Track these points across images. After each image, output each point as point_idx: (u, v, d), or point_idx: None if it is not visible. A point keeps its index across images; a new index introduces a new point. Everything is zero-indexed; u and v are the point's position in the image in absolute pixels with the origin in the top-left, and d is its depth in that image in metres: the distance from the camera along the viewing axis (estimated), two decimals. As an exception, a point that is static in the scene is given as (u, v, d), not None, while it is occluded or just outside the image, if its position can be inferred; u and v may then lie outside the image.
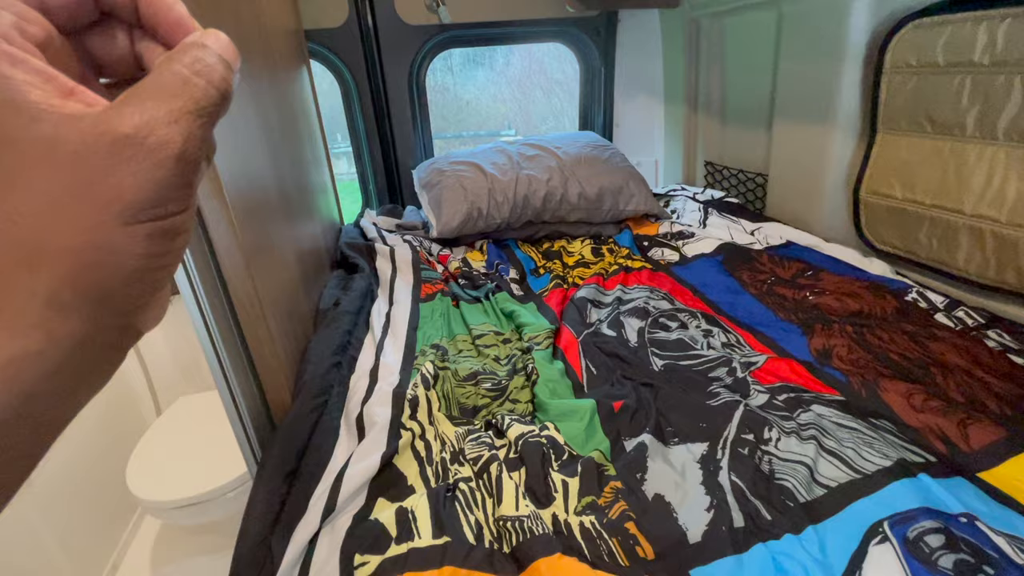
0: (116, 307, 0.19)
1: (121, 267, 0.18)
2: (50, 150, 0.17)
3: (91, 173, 0.17)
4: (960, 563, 0.58)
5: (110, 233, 0.17)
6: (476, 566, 0.60)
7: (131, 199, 0.17)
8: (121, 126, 0.17)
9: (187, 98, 0.18)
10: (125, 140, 0.17)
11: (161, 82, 0.18)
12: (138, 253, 0.18)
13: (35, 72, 0.17)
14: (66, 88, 0.18)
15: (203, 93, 0.19)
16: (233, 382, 0.83)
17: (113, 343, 0.20)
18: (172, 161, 0.18)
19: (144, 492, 1.40)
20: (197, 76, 0.19)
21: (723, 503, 0.69)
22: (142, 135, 0.17)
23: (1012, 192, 1.05)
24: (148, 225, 0.18)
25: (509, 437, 0.79)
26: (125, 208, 0.17)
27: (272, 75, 1.21)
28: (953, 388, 0.88)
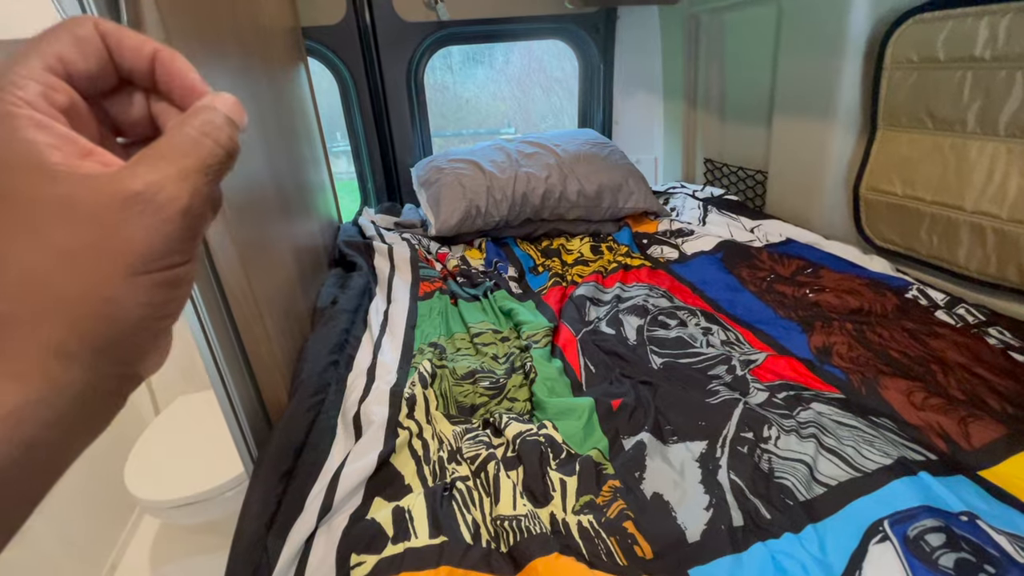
0: (119, 356, 0.20)
1: (126, 317, 0.19)
2: (67, 208, 0.18)
3: (104, 229, 0.18)
4: (961, 562, 0.57)
5: (118, 285, 0.18)
6: (473, 566, 0.60)
7: (140, 252, 0.18)
8: (133, 184, 0.18)
9: (195, 157, 0.20)
10: (136, 197, 0.18)
11: (173, 143, 0.20)
12: (143, 303, 0.19)
13: (58, 136, 0.18)
14: (85, 150, 0.19)
15: (210, 152, 0.20)
16: (229, 381, 0.82)
17: (114, 390, 0.21)
18: (179, 215, 0.19)
19: (142, 491, 1.40)
20: (205, 137, 0.20)
21: (722, 502, 0.68)
22: (152, 192, 0.18)
23: (1013, 188, 1.04)
24: (154, 275, 0.19)
25: (507, 436, 0.79)
26: (134, 261, 0.18)
27: (269, 73, 1.20)
28: (954, 386, 0.88)
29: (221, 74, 0.86)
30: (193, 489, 1.39)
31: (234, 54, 0.92)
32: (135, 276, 0.18)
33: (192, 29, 0.74)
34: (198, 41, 0.75)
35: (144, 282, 0.19)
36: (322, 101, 1.80)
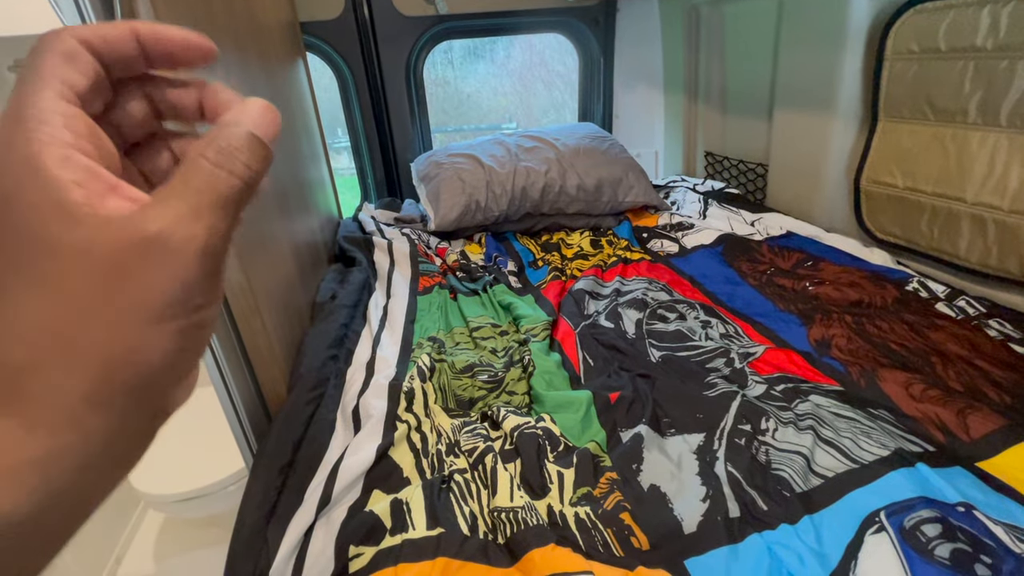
0: (148, 397, 0.19)
1: (152, 363, 0.18)
2: (85, 255, 0.17)
3: (121, 276, 0.17)
4: (957, 552, 0.57)
5: (141, 333, 0.18)
6: (470, 557, 0.60)
7: (159, 300, 0.18)
8: (147, 228, 0.17)
9: (210, 192, 0.19)
10: (151, 242, 0.17)
11: (186, 178, 0.19)
12: (168, 349, 0.18)
13: (82, 170, 0.18)
14: (109, 184, 0.18)
15: (225, 185, 0.19)
16: (228, 375, 0.83)
17: (144, 430, 0.20)
18: (197, 258, 0.18)
19: (146, 486, 1.41)
20: (219, 168, 0.19)
21: (719, 493, 0.68)
22: (167, 235, 0.18)
23: (1015, 179, 1.03)
24: (179, 321, 0.18)
25: (504, 429, 0.79)
26: (155, 309, 0.18)
27: (266, 69, 1.20)
28: (953, 378, 0.88)
29: (217, 70, 0.86)
30: (196, 483, 1.40)
31: (230, 50, 0.92)
32: (158, 324, 0.18)
33: (187, 25, 0.74)
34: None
35: (168, 329, 0.18)
36: (323, 97, 1.80)
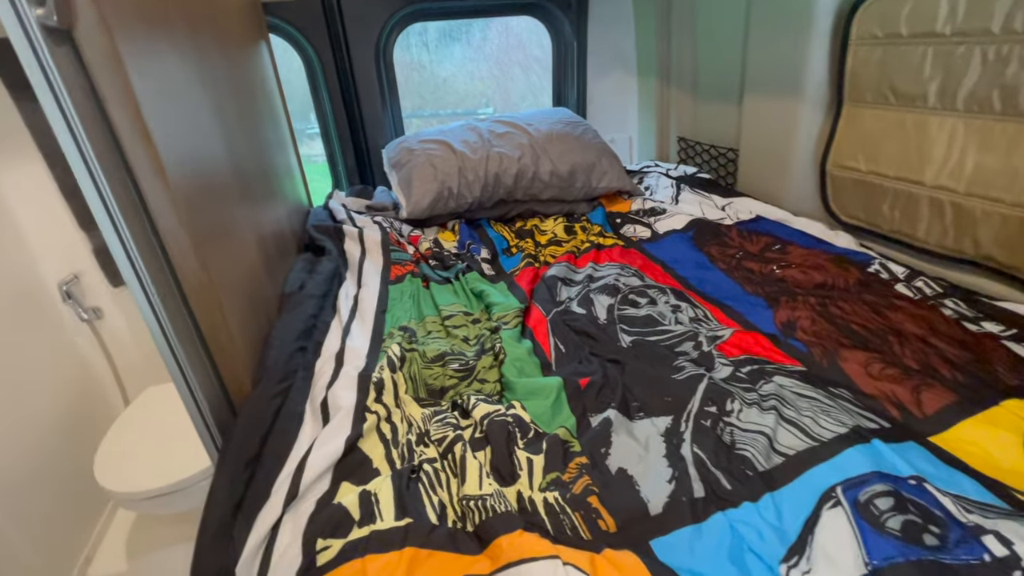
0: None
1: None
2: None
3: None
4: (908, 524, 0.60)
5: None
6: (438, 546, 0.60)
7: None
8: None
9: None
10: None
11: None
12: None
13: None
14: None
15: None
16: (188, 370, 0.81)
17: None
18: None
19: (112, 483, 1.37)
20: None
21: (684, 474, 0.70)
22: None
23: (970, 163, 1.06)
24: None
25: (475, 417, 0.79)
26: None
27: (225, 52, 1.16)
28: (909, 356, 0.91)
29: (168, 54, 0.82)
30: (164, 480, 1.37)
31: (182, 31, 0.88)
32: None
33: (131, 3, 0.70)
34: (138, 17, 0.71)
35: None
36: (294, 80, 1.74)
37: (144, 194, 0.71)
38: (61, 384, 1.62)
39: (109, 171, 0.63)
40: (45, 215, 1.57)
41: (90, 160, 0.60)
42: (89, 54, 0.58)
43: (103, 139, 0.62)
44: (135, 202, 0.70)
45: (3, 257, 1.49)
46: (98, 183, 0.61)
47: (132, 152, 0.66)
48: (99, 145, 0.61)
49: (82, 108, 0.58)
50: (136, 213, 0.70)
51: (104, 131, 0.62)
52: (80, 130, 0.57)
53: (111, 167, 0.64)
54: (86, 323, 1.72)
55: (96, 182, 0.61)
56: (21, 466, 1.40)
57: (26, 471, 1.42)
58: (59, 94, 0.56)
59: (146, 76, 0.68)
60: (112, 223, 0.66)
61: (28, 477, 1.42)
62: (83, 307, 1.70)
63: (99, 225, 0.67)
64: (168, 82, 0.79)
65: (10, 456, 1.37)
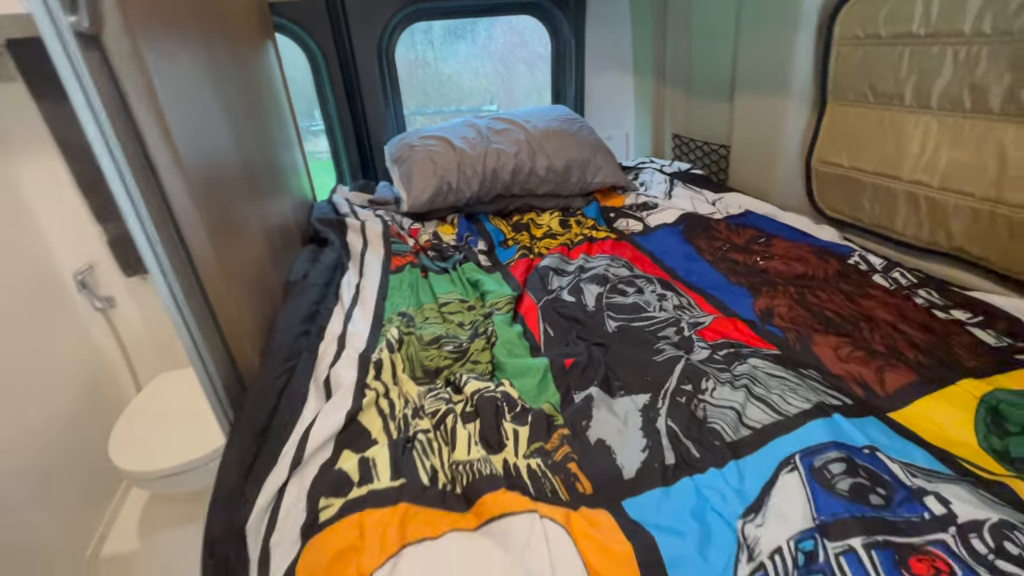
0: None
1: None
2: None
3: None
4: (856, 485, 0.65)
5: None
6: (429, 504, 0.67)
7: None
8: None
9: None
10: None
11: None
12: None
13: None
14: None
15: None
16: (204, 351, 0.87)
17: None
18: None
19: (126, 463, 1.44)
20: None
21: (657, 444, 0.76)
22: None
23: (944, 159, 1.11)
24: None
25: (466, 393, 0.85)
26: None
27: (232, 50, 1.22)
28: (877, 340, 0.96)
29: (182, 55, 0.88)
30: (176, 460, 1.44)
31: (194, 31, 0.94)
32: None
33: (151, 6, 0.76)
34: (157, 21, 0.77)
35: None
36: (299, 79, 1.80)
37: (164, 188, 0.77)
38: (76, 370, 1.70)
39: (133, 165, 0.69)
40: (62, 208, 1.64)
41: (115, 154, 0.66)
42: (115, 56, 0.65)
43: (127, 134, 0.69)
44: (156, 195, 0.76)
45: (22, 248, 1.56)
46: (123, 176, 0.68)
47: (153, 147, 0.72)
48: (123, 140, 0.67)
49: (108, 105, 0.64)
50: (157, 205, 0.76)
51: (128, 127, 0.69)
52: (107, 126, 0.64)
53: (134, 162, 0.70)
54: (100, 312, 1.80)
55: (121, 175, 0.68)
56: (39, 447, 1.48)
57: (43, 452, 1.49)
58: (88, 92, 0.62)
59: (164, 76, 0.74)
60: (136, 214, 0.72)
61: (45, 457, 1.49)
62: (97, 296, 1.77)
63: (124, 216, 0.73)
64: (183, 82, 0.85)
65: (28, 437, 1.45)
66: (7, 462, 1.36)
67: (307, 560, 0.63)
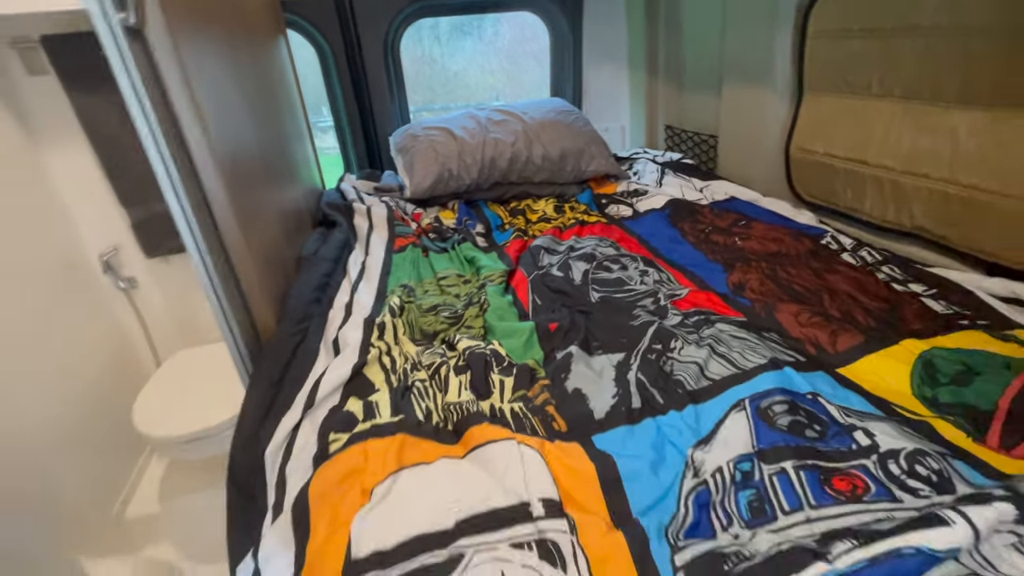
0: None
1: None
2: None
3: None
4: (794, 422, 0.75)
5: None
6: (423, 436, 0.77)
7: None
8: None
9: None
10: None
11: None
12: None
13: None
14: None
15: None
16: (229, 314, 0.98)
17: None
18: None
19: (150, 429, 1.55)
20: None
21: (627, 392, 0.85)
22: None
23: (905, 144, 1.20)
24: None
25: (459, 349, 0.95)
26: None
27: (251, 48, 1.32)
28: (834, 308, 1.05)
29: (210, 51, 0.99)
30: (194, 427, 1.55)
31: (219, 29, 1.05)
32: None
33: (186, 5, 0.87)
34: (191, 20, 0.88)
35: None
36: (308, 76, 1.90)
37: (199, 174, 0.88)
38: (101, 346, 1.82)
39: (173, 152, 0.80)
40: (89, 193, 1.75)
41: (159, 141, 0.76)
42: (157, 50, 0.75)
43: (167, 123, 0.79)
44: (192, 180, 0.87)
45: (52, 231, 1.68)
46: (165, 162, 0.78)
47: (190, 136, 0.82)
48: (164, 128, 0.78)
49: (152, 96, 0.75)
50: (193, 189, 0.87)
51: (167, 116, 0.79)
52: (151, 114, 0.74)
53: (174, 149, 0.80)
54: (123, 292, 1.92)
55: (164, 161, 0.78)
56: (68, 415, 1.60)
57: (72, 421, 1.61)
58: (135, 82, 0.72)
59: (198, 70, 0.85)
60: (176, 197, 0.83)
61: (74, 426, 1.61)
62: (120, 277, 1.89)
63: (165, 197, 0.83)
64: (211, 75, 0.95)
65: (59, 406, 1.57)
66: (42, 429, 1.49)
67: (319, 481, 0.73)
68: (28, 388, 1.46)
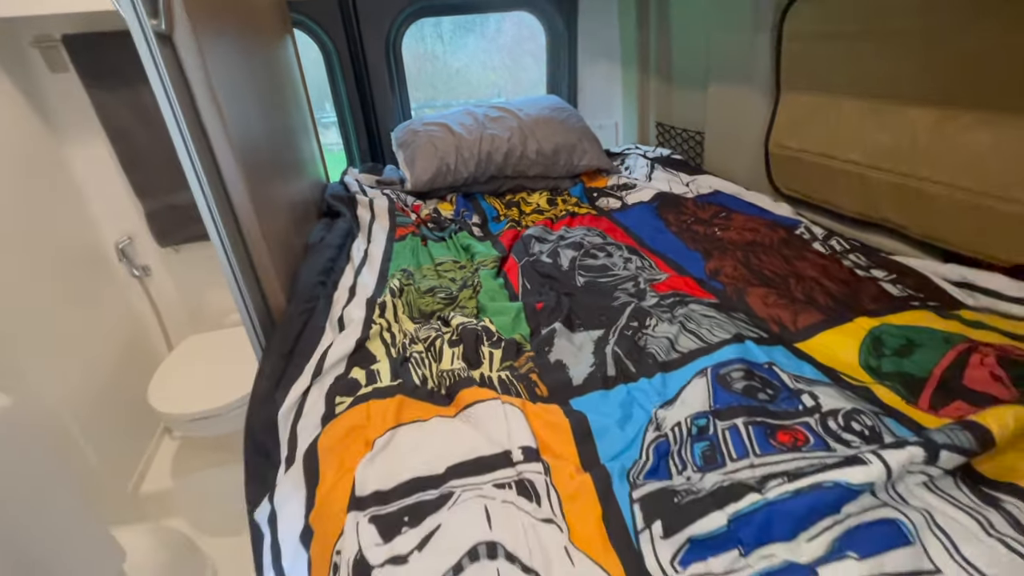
0: None
1: None
2: None
3: None
4: (748, 387, 0.84)
5: None
6: (420, 398, 0.86)
7: None
8: None
9: None
10: None
11: None
12: None
13: None
14: None
15: None
16: (245, 294, 1.07)
17: None
18: None
19: (164, 407, 1.65)
20: None
21: (603, 363, 0.95)
22: None
23: (869, 140, 1.29)
24: None
25: (452, 325, 1.05)
26: None
27: (261, 47, 1.41)
28: (799, 291, 1.14)
29: (228, 51, 1.08)
30: (205, 406, 1.65)
31: (233, 31, 1.14)
32: None
33: (207, 9, 0.96)
34: (211, 21, 0.97)
35: None
36: (311, 73, 1.99)
37: (220, 166, 0.97)
38: (116, 331, 1.92)
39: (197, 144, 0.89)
40: (106, 184, 1.85)
41: (184, 135, 0.86)
42: (183, 53, 0.84)
43: (191, 120, 0.88)
44: (213, 172, 0.96)
45: (71, 220, 1.78)
46: (191, 156, 0.87)
47: (211, 130, 0.92)
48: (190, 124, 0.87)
49: (179, 93, 0.84)
50: (214, 181, 0.96)
51: (192, 114, 0.88)
52: (178, 110, 0.83)
53: (199, 142, 0.90)
54: (137, 279, 2.01)
55: (190, 155, 0.87)
56: (88, 395, 1.70)
57: (91, 399, 1.71)
58: (164, 82, 0.81)
59: (217, 70, 0.94)
60: (200, 188, 0.92)
61: (93, 404, 1.71)
62: (135, 265, 1.99)
63: (191, 188, 0.92)
64: (229, 75, 1.04)
65: (80, 382, 1.67)
66: (64, 407, 1.58)
67: (326, 436, 0.83)
68: (52, 368, 1.56)
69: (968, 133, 1.07)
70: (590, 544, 0.63)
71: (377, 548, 0.64)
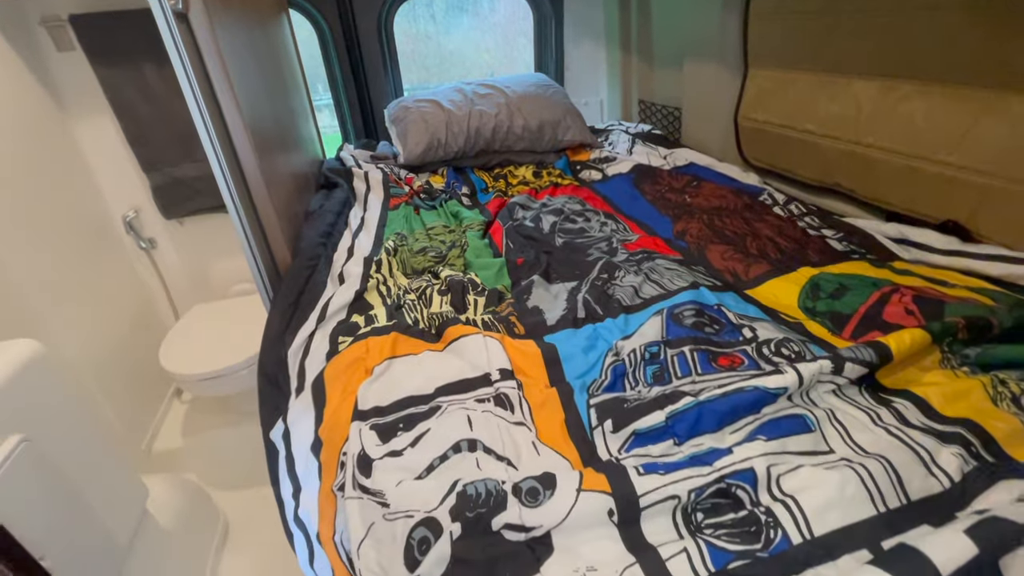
0: None
1: None
2: None
3: None
4: (697, 322, 0.97)
5: None
6: (412, 336, 0.99)
7: None
8: None
9: None
10: None
11: None
12: None
13: None
14: None
15: None
16: (256, 253, 1.19)
17: None
18: None
19: (175, 368, 1.77)
20: None
21: (574, 307, 1.07)
22: None
23: (822, 110, 1.40)
24: None
25: (441, 277, 1.17)
26: None
27: (263, 27, 1.50)
28: (754, 247, 1.27)
29: (235, 30, 1.17)
30: (214, 366, 1.76)
31: (239, 11, 1.23)
32: None
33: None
34: (220, 3, 1.06)
35: None
36: (306, 53, 2.07)
37: (233, 140, 1.07)
38: (125, 300, 2.03)
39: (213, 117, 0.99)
40: (112, 159, 1.94)
41: (201, 107, 0.96)
42: (198, 31, 0.94)
43: (207, 96, 0.98)
44: (227, 145, 1.07)
45: (81, 194, 1.87)
46: (208, 129, 0.98)
47: (224, 103, 1.02)
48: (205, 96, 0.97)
49: (195, 68, 0.94)
50: (228, 154, 1.07)
51: (207, 90, 0.98)
52: (195, 84, 0.94)
53: (214, 115, 1.00)
54: (143, 251, 2.12)
55: (205, 124, 0.98)
56: (103, 360, 1.81)
57: (106, 364, 1.82)
58: (183, 57, 0.92)
59: (227, 46, 1.04)
60: (217, 160, 1.03)
61: (108, 369, 1.82)
62: (141, 238, 2.09)
63: (208, 159, 1.03)
64: (237, 52, 1.14)
65: (96, 345, 1.78)
66: (83, 371, 1.70)
67: (331, 367, 0.95)
68: (71, 333, 1.67)
69: (905, 102, 1.19)
70: (554, 439, 0.76)
71: (377, 447, 0.77)
